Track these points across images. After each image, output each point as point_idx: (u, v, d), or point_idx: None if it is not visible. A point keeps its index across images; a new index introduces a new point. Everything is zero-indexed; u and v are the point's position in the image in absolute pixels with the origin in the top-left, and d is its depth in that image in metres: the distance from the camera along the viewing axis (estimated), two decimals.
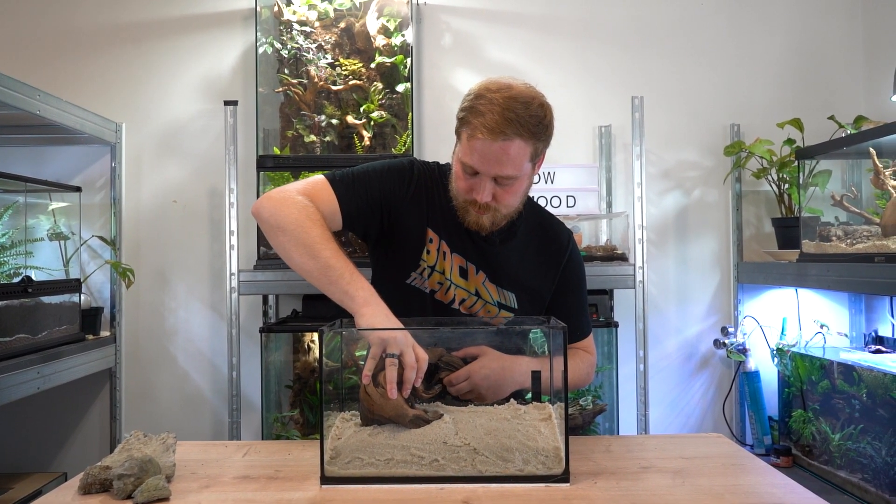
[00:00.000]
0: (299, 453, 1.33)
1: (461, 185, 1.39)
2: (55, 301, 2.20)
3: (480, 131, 1.29)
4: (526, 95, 1.31)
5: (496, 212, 1.39)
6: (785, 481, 1.17)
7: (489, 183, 1.34)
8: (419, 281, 1.46)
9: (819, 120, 2.52)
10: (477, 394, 1.32)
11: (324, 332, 1.18)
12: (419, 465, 1.14)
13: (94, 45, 2.67)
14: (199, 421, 2.65)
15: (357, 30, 2.49)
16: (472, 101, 1.33)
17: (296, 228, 1.28)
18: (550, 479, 1.13)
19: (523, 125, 1.29)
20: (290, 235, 1.28)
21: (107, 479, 1.13)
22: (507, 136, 1.28)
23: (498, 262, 1.48)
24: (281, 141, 2.49)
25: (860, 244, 2.01)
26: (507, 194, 1.37)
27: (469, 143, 1.32)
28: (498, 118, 1.28)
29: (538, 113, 1.31)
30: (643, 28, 2.71)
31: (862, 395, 2.01)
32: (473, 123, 1.30)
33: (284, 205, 1.31)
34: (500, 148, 1.29)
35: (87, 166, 2.63)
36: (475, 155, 1.32)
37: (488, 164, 1.32)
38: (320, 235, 1.28)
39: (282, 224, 1.29)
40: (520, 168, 1.33)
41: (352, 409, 1.31)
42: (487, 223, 1.41)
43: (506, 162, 1.31)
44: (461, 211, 1.42)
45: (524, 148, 1.31)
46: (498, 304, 1.49)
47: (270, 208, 1.32)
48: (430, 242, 1.45)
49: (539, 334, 1.45)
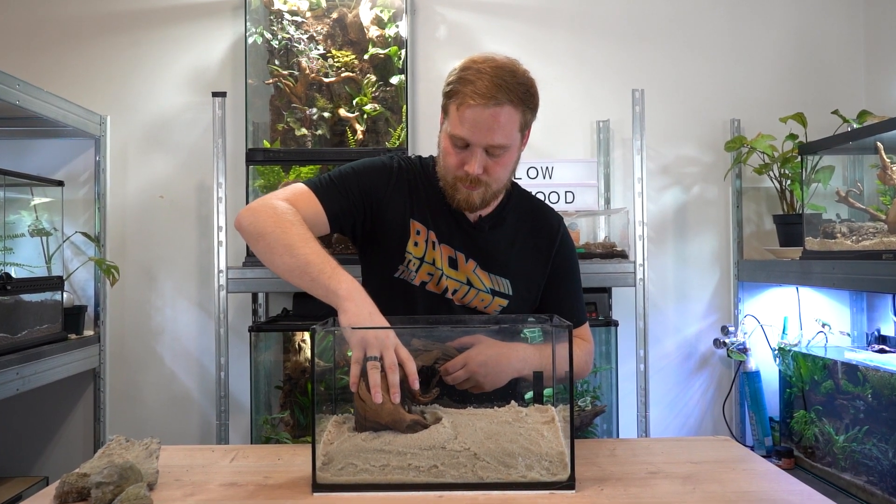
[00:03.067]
0: (289, 458, 1.28)
1: (451, 161, 1.37)
2: (36, 299, 2.13)
3: (472, 97, 1.28)
4: (512, 65, 1.33)
5: (486, 187, 1.37)
6: (800, 487, 1.13)
7: (480, 154, 1.33)
8: (406, 274, 1.44)
9: (820, 115, 2.48)
10: (474, 382, 1.29)
11: (315, 330, 1.13)
12: (416, 472, 1.08)
13: (79, 34, 2.59)
14: (187, 423, 2.59)
15: (350, 20, 2.42)
16: (459, 73, 1.33)
17: (274, 230, 1.26)
18: (555, 485, 1.08)
19: (513, 91, 1.29)
20: (269, 238, 1.27)
21: (84, 487, 1.07)
22: (498, 100, 1.28)
23: (488, 249, 1.47)
24: (271, 134, 2.43)
25: (866, 241, 1.96)
26: (497, 166, 1.36)
27: (459, 112, 1.31)
28: (488, 83, 1.28)
29: (525, 82, 1.33)
30: (642, 21, 2.66)
31: (867, 395, 1.97)
32: (463, 92, 1.30)
33: (263, 212, 1.30)
34: (492, 115, 1.29)
35: (71, 160, 2.56)
36: (466, 124, 1.31)
37: (480, 133, 1.31)
38: (300, 235, 1.26)
39: (261, 230, 1.28)
40: (510, 136, 1.33)
41: (345, 411, 1.26)
42: (477, 200, 1.39)
43: (497, 129, 1.30)
44: (450, 190, 1.40)
45: (514, 115, 1.31)
46: (491, 290, 1.46)
47: (249, 217, 1.31)
48: (416, 234, 1.43)
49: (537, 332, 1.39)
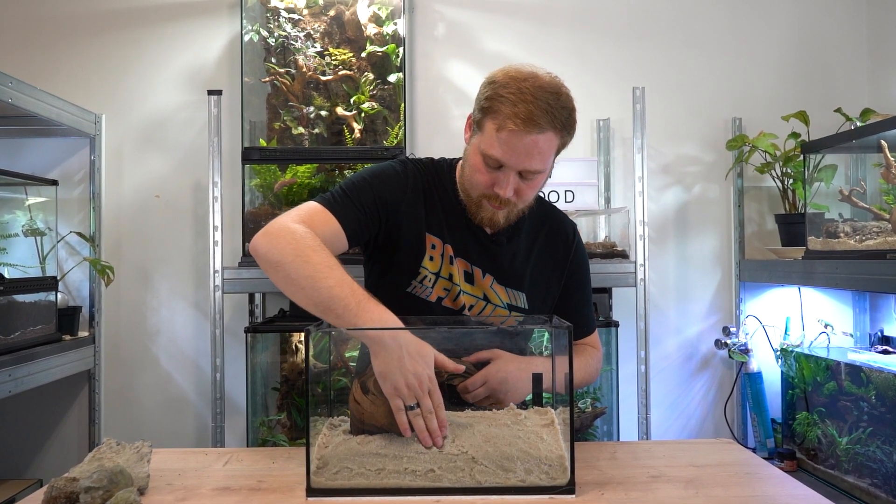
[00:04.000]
0: (284, 462, 1.26)
1: (481, 179, 1.30)
2: (29, 300, 2.11)
3: (513, 122, 1.21)
4: (555, 85, 1.25)
5: (513, 207, 1.32)
6: (805, 492, 1.10)
7: (514, 177, 1.27)
8: (420, 290, 1.38)
9: (822, 114, 2.46)
10: (495, 398, 1.25)
11: (310, 331, 1.11)
12: (413, 476, 1.06)
13: (74, 32, 2.57)
14: (183, 425, 2.56)
15: (347, 18, 2.40)
16: (498, 90, 1.24)
17: (294, 259, 1.18)
18: (554, 490, 1.06)
19: (556, 117, 1.23)
20: (289, 269, 1.18)
21: (73, 492, 1.05)
22: (541, 128, 1.22)
23: (505, 263, 1.41)
24: (268, 133, 2.40)
25: (870, 240, 1.94)
26: (528, 189, 1.30)
27: (497, 134, 1.24)
28: (532, 108, 1.20)
29: (568, 105, 1.26)
30: (642, 19, 2.64)
31: (871, 396, 1.95)
32: (503, 113, 1.22)
33: (281, 238, 1.21)
34: (532, 141, 1.22)
35: (65, 159, 2.53)
36: (503, 147, 1.24)
37: (517, 158, 1.24)
38: (322, 263, 1.17)
39: (279, 259, 1.19)
40: (546, 162, 1.27)
41: (340, 414, 1.23)
42: (502, 219, 1.34)
43: (535, 155, 1.24)
44: (474, 207, 1.34)
45: (553, 141, 1.25)
46: (508, 306, 1.41)
47: (266, 244, 1.22)
48: (432, 248, 1.37)
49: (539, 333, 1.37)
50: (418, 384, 1.10)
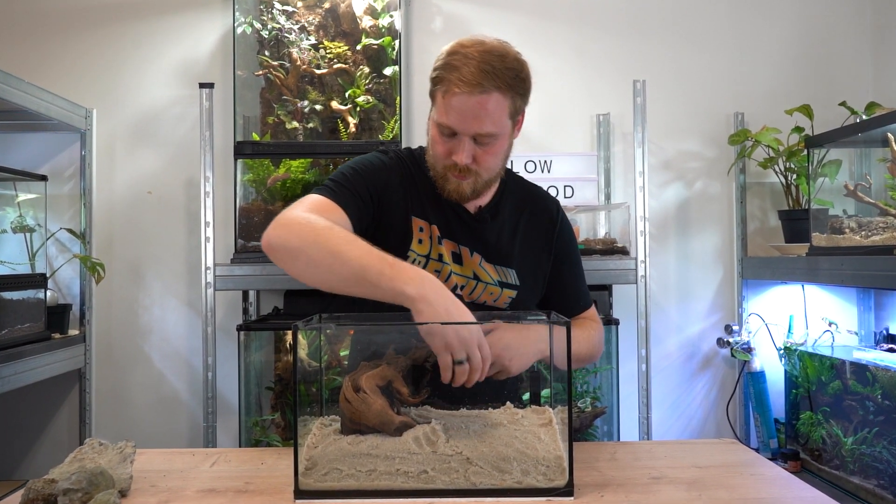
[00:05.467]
0: (273, 463, 1.22)
1: (439, 150, 1.32)
2: (17, 297, 2.07)
3: (457, 85, 1.23)
4: (501, 49, 1.28)
5: (477, 176, 1.33)
6: (812, 493, 1.07)
7: (469, 143, 1.29)
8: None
9: (826, 107, 2.42)
10: (501, 366, 1.21)
11: (298, 328, 1.06)
12: (405, 478, 1.03)
13: (64, 26, 2.53)
14: (175, 425, 2.52)
15: (342, 11, 2.36)
16: (446, 59, 1.27)
17: (316, 240, 1.16)
18: (552, 492, 1.02)
19: (500, 77, 1.25)
20: (310, 251, 1.16)
21: (51, 494, 1.01)
22: (484, 88, 1.23)
23: (491, 240, 1.42)
24: (261, 127, 2.36)
25: (876, 236, 1.90)
26: (487, 155, 1.31)
27: (445, 100, 1.26)
28: (474, 71, 1.23)
29: (515, 66, 1.27)
30: (642, 12, 2.60)
31: (877, 396, 1.91)
32: (448, 79, 1.25)
33: (294, 226, 1.20)
34: (478, 102, 1.24)
35: (55, 154, 2.50)
36: (452, 112, 1.26)
37: (467, 121, 1.26)
38: (343, 238, 1.16)
39: (298, 245, 1.17)
40: (499, 125, 1.28)
41: (331, 413, 1.20)
42: (468, 190, 1.34)
43: (484, 117, 1.26)
44: (440, 180, 1.36)
45: (502, 102, 1.27)
46: (499, 283, 1.41)
47: (281, 234, 1.20)
48: (420, 231, 1.37)
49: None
50: (469, 336, 1.08)
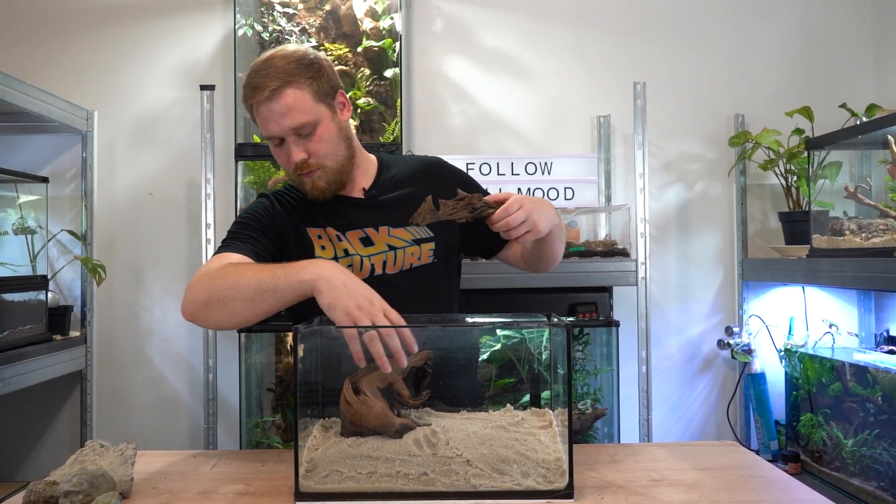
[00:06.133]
0: (273, 465, 1.23)
1: (282, 160, 1.38)
2: (19, 299, 2.07)
3: (255, 98, 1.32)
4: (285, 51, 1.35)
5: (322, 168, 1.38)
6: (812, 496, 1.07)
7: (293, 141, 1.34)
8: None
9: (827, 109, 2.42)
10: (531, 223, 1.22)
11: (299, 330, 1.07)
12: (406, 480, 1.03)
13: (65, 28, 2.54)
14: (176, 426, 2.53)
15: (343, 12, 2.37)
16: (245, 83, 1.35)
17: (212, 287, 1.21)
18: (552, 494, 1.03)
19: (282, 72, 1.31)
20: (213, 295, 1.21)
21: (52, 496, 1.02)
22: (273, 88, 1.30)
23: (390, 209, 1.46)
24: None
25: (876, 238, 1.90)
26: (317, 144, 1.36)
27: (258, 115, 1.34)
28: (261, 78, 1.31)
29: (297, 57, 1.34)
30: (642, 14, 2.60)
31: (877, 397, 1.91)
32: (248, 94, 1.34)
33: (195, 285, 1.25)
34: (277, 102, 1.31)
35: (57, 156, 2.51)
36: (265, 122, 1.33)
37: (278, 123, 1.32)
38: (234, 269, 1.23)
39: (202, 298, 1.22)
40: (309, 112, 1.33)
41: (331, 415, 1.20)
42: (323, 183, 1.39)
43: (288, 112, 1.31)
44: (299, 186, 1.42)
45: (299, 93, 1.32)
46: (414, 241, 1.44)
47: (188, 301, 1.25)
48: (318, 238, 1.42)
49: (538, 334, 1.33)
50: (369, 304, 1.10)
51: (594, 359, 2.40)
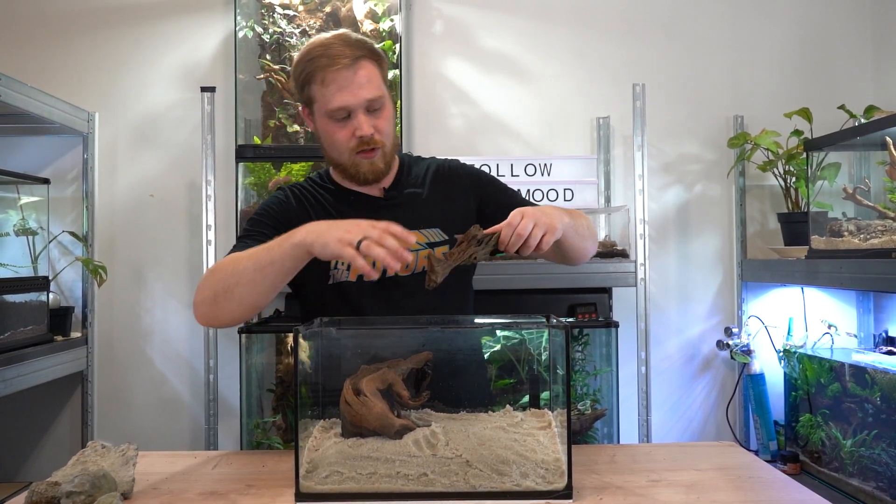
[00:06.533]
0: (274, 465, 1.23)
1: (341, 136, 1.38)
2: (20, 300, 2.08)
3: (331, 66, 1.33)
4: (346, 31, 1.39)
5: (382, 147, 1.40)
6: (810, 496, 1.07)
7: (363, 114, 1.36)
8: (338, 274, 1.42)
9: (825, 111, 2.42)
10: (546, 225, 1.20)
11: (299, 331, 1.07)
12: (405, 480, 1.04)
13: (66, 30, 2.54)
14: (177, 427, 2.53)
15: (343, 14, 2.37)
16: (308, 57, 1.36)
17: (215, 280, 1.26)
18: (551, 494, 1.03)
19: (361, 47, 1.35)
20: (218, 287, 1.25)
21: (54, 496, 1.02)
22: (355, 57, 1.33)
23: (406, 212, 1.45)
24: (263, 131, 2.37)
25: (874, 239, 1.90)
26: (382, 121, 1.38)
27: (326, 85, 1.34)
28: (341, 47, 1.33)
29: (361, 37, 1.39)
30: (642, 16, 2.61)
31: (875, 398, 1.92)
32: (321, 65, 1.34)
33: (200, 288, 1.30)
34: (355, 72, 1.33)
35: (58, 158, 2.51)
36: (338, 92, 1.33)
37: (353, 93, 1.33)
38: (231, 258, 1.27)
39: (210, 294, 1.26)
40: (380, 88, 1.37)
41: (332, 416, 1.20)
42: (381, 164, 1.40)
43: (364, 83, 1.34)
44: (352, 167, 1.41)
45: (371, 68, 1.36)
46: (427, 244, 1.44)
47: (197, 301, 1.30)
48: None
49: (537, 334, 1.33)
50: (356, 225, 1.15)
51: (594, 359, 2.40)
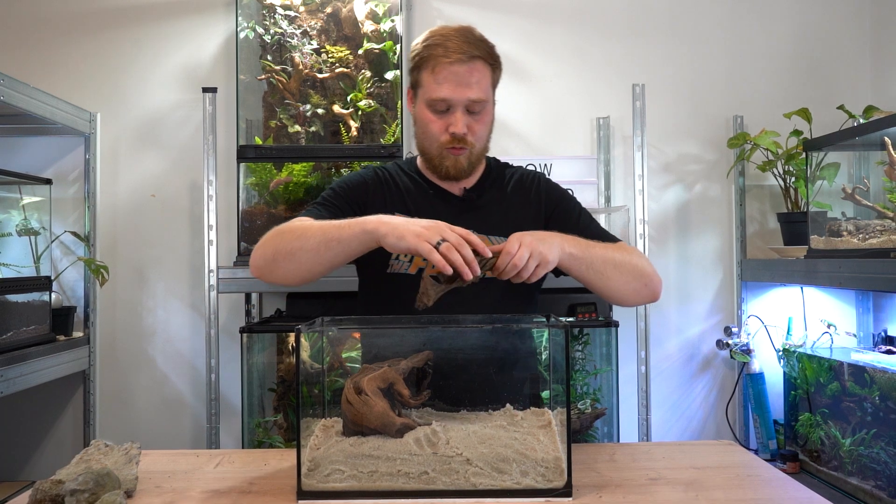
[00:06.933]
0: (276, 464, 1.24)
1: (435, 127, 1.40)
2: (22, 300, 2.09)
3: (446, 57, 1.34)
4: (469, 27, 1.41)
5: (471, 148, 1.41)
6: (808, 494, 1.08)
7: (462, 112, 1.37)
8: (398, 266, 1.43)
9: (824, 111, 2.43)
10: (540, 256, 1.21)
11: (300, 330, 1.08)
12: (406, 478, 1.04)
13: (68, 31, 2.55)
14: (179, 426, 2.54)
15: (344, 15, 2.38)
16: (425, 43, 1.38)
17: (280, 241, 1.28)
18: (551, 492, 1.04)
19: (481, 47, 1.37)
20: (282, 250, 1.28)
21: (58, 494, 1.03)
22: (471, 55, 1.35)
23: (480, 216, 1.47)
24: (264, 131, 2.38)
25: (873, 239, 1.91)
26: (479, 125, 1.40)
27: (435, 75, 1.36)
28: (459, 42, 1.35)
29: (483, 38, 1.41)
30: (642, 16, 2.62)
31: (874, 397, 1.92)
32: (436, 54, 1.36)
33: (267, 240, 1.32)
34: (467, 70, 1.35)
35: (60, 158, 2.51)
36: (444, 84, 1.35)
37: (459, 89, 1.35)
38: (303, 226, 1.28)
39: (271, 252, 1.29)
40: (486, 91, 1.38)
41: (334, 415, 1.21)
42: (465, 163, 1.42)
43: (473, 83, 1.35)
44: (437, 160, 1.43)
45: (485, 71, 1.38)
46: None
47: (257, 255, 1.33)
48: None
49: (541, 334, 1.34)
50: (434, 224, 1.16)
51: (594, 359, 2.41)
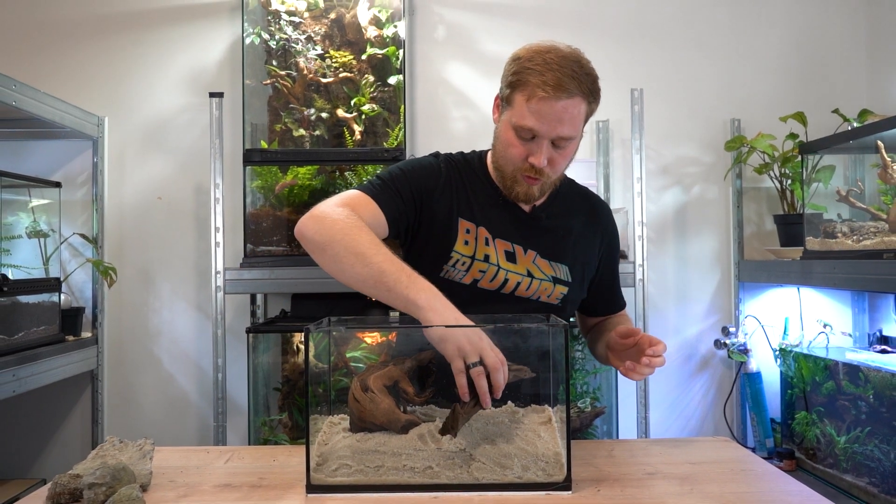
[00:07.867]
0: (285, 459, 1.27)
1: (515, 153, 1.33)
2: (33, 301, 2.12)
3: (543, 89, 1.26)
4: (576, 54, 1.30)
5: (547, 178, 1.35)
6: (799, 488, 1.11)
7: (547, 145, 1.31)
8: (453, 273, 1.40)
9: (820, 115, 2.47)
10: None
11: (310, 331, 1.12)
12: (411, 473, 1.07)
13: (76, 36, 2.59)
14: (185, 425, 2.57)
15: (348, 20, 2.42)
16: (524, 63, 1.29)
17: (343, 238, 1.21)
18: (551, 486, 1.07)
19: (582, 82, 1.28)
20: (337, 247, 1.21)
21: (77, 488, 1.06)
22: (570, 92, 1.26)
23: (546, 238, 1.45)
24: (269, 135, 2.42)
25: (867, 240, 1.95)
26: (561, 158, 1.34)
27: (528, 104, 1.28)
28: (559, 75, 1.26)
29: (591, 72, 1.31)
30: (641, 21, 2.65)
31: (869, 396, 1.96)
32: (532, 83, 1.27)
33: (327, 220, 1.25)
34: (562, 107, 1.27)
35: (68, 161, 2.55)
36: (535, 115, 1.28)
37: (549, 124, 1.28)
38: (369, 241, 1.21)
39: (327, 239, 1.23)
40: (577, 129, 1.31)
41: (340, 412, 1.25)
42: (537, 192, 1.37)
43: (566, 121, 1.28)
44: (510, 182, 1.37)
45: (581, 106, 1.29)
46: (553, 279, 1.44)
47: (314, 227, 1.25)
48: (466, 233, 1.40)
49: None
50: (479, 339, 1.10)
51: (593, 358, 2.44)
